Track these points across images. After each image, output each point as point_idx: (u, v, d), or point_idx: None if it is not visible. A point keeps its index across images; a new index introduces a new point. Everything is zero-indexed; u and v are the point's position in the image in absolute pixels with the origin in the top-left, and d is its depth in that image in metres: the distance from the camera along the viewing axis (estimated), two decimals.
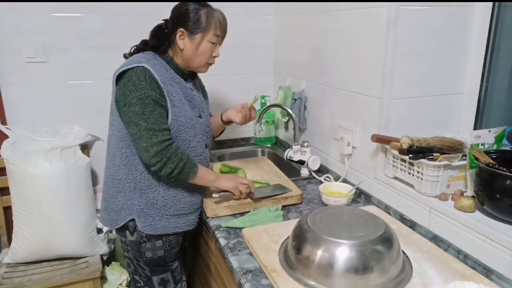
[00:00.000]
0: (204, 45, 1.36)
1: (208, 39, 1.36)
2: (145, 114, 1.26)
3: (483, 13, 1.35)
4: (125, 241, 1.44)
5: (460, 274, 1.03)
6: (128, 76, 1.28)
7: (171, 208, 1.39)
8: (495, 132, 1.25)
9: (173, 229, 1.41)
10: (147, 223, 1.37)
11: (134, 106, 1.26)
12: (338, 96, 1.67)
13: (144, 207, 1.37)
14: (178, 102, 1.34)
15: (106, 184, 1.44)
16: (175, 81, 1.38)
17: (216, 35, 1.37)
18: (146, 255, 1.42)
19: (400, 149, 1.30)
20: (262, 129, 2.30)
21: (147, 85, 1.26)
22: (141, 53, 1.39)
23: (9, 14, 1.82)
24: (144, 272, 1.46)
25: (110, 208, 1.41)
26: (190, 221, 1.46)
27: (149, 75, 1.27)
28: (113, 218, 1.41)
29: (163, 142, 1.28)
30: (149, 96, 1.26)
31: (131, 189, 1.37)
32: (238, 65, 2.27)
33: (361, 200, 1.55)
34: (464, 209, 1.14)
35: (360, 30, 1.48)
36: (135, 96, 1.26)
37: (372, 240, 0.98)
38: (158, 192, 1.37)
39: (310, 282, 0.98)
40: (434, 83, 1.40)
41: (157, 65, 1.33)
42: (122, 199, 1.38)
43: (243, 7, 2.17)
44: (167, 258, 1.45)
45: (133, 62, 1.30)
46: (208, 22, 1.34)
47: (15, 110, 1.93)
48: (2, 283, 1.76)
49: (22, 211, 1.83)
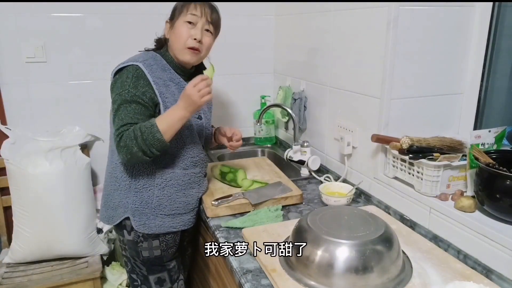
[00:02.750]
0: (179, 27, 1.33)
1: (184, 19, 1.33)
2: (119, 110, 1.26)
3: (483, 13, 1.35)
4: (122, 240, 1.45)
5: (460, 274, 1.03)
6: (119, 74, 1.31)
7: (165, 208, 1.39)
8: (495, 132, 1.25)
9: (168, 229, 1.41)
10: (141, 221, 1.37)
11: (114, 104, 1.28)
12: (338, 96, 1.67)
13: (139, 205, 1.37)
14: (172, 103, 1.31)
15: (106, 181, 1.46)
16: (174, 82, 1.37)
17: (192, 14, 1.32)
18: (143, 255, 1.42)
19: (400, 149, 1.30)
20: (262, 129, 2.30)
21: (131, 83, 1.26)
22: (143, 52, 1.41)
23: (9, 14, 1.82)
24: (141, 271, 1.47)
25: (108, 205, 1.43)
26: (185, 221, 1.45)
27: (139, 73, 1.28)
28: (110, 215, 1.42)
29: (118, 134, 1.25)
30: (128, 93, 1.26)
31: (126, 187, 1.38)
32: (238, 65, 2.27)
33: (361, 200, 1.55)
34: (464, 209, 1.14)
35: (360, 30, 1.48)
36: (116, 93, 1.27)
37: (372, 240, 0.98)
38: (153, 191, 1.37)
39: (310, 282, 0.98)
40: (434, 83, 1.40)
41: (153, 65, 1.33)
42: (118, 196, 1.39)
43: (243, 7, 2.17)
44: (164, 257, 1.45)
45: (130, 60, 1.33)
46: (180, 6, 1.35)
47: (15, 110, 1.93)
48: (2, 283, 1.76)
49: (22, 211, 1.83)
